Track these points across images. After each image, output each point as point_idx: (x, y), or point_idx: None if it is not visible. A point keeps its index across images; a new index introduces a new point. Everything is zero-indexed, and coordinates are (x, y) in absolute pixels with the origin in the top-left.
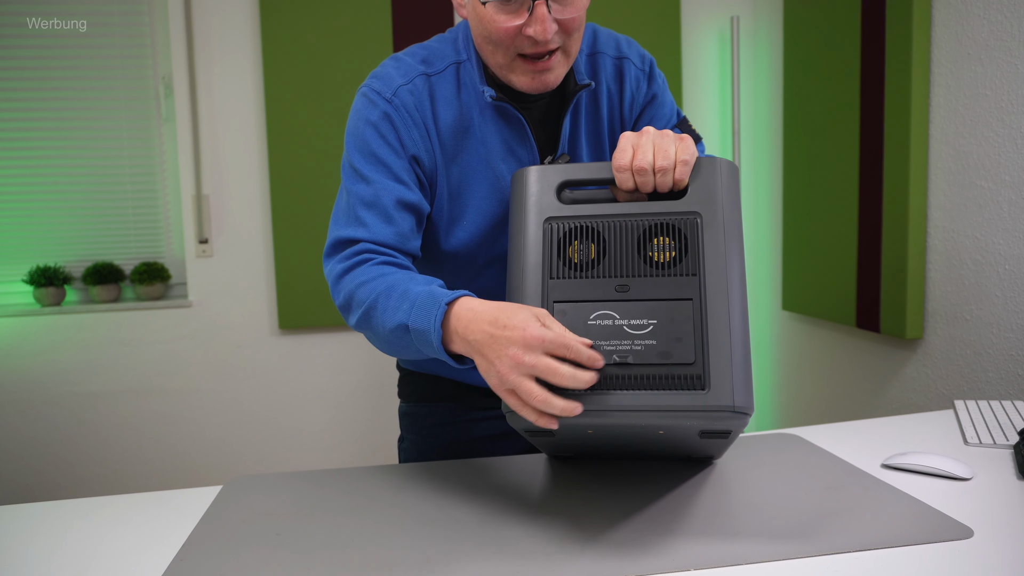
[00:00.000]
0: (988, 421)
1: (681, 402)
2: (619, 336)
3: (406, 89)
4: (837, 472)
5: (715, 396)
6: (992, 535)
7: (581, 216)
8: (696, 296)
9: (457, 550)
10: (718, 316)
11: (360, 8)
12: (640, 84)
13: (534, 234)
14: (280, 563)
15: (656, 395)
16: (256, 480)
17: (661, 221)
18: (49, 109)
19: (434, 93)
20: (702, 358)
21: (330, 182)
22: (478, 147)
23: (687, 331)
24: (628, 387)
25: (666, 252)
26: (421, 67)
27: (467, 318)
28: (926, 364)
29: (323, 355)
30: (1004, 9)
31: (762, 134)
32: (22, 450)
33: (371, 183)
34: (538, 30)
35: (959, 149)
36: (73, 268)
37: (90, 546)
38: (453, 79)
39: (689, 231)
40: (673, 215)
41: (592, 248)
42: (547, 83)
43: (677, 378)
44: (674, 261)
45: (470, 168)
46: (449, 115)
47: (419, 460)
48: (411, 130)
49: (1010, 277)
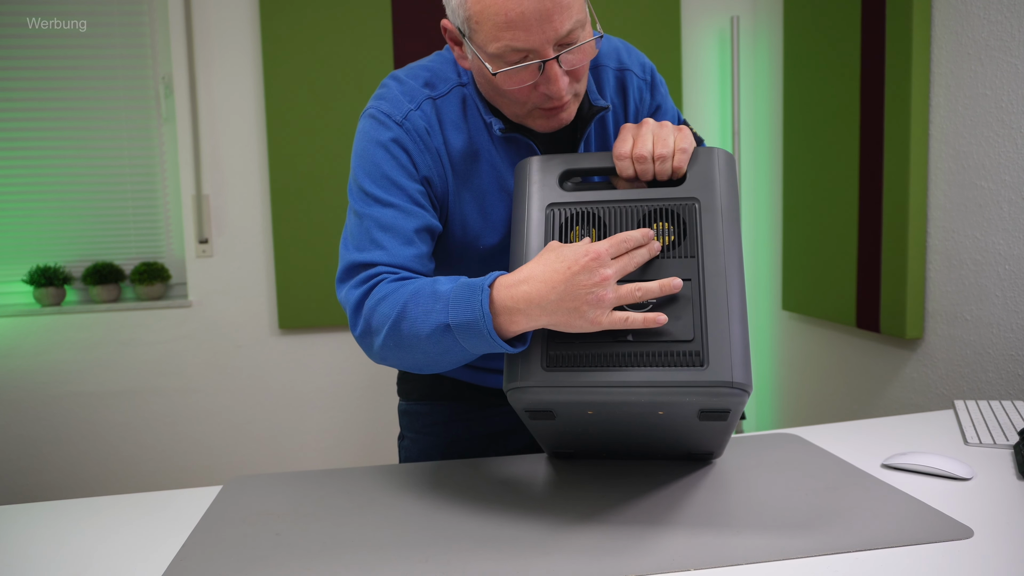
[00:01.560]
0: (988, 421)
1: (680, 378)
2: None
3: (417, 114)
4: (837, 472)
5: (714, 372)
6: (992, 535)
7: (582, 202)
8: (695, 276)
9: (457, 550)
10: (716, 296)
11: (360, 8)
12: (643, 95)
13: (536, 220)
14: (280, 563)
15: (656, 372)
16: (256, 480)
17: (660, 207)
18: (49, 109)
19: (442, 117)
20: (701, 336)
21: (330, 182)
22: (489, 171)
23: (686, 310)
24: (628, 364)
25: (665, 236)
26: (426, 91)
27: (522, 290)
28: (926, 364)
29: (323, 355)
30: (1004, 9)
31: (762, 134)
32: (22, 450)
33: (387, 206)
34: (553, 89)
35: (959, 149)
36: (73, 268)
37: (90, 546)
38: (458, 102)
39: (687, 216)
40: (672, 200)
41: (593, 233)
42: (563, 122)
43: (676, 355)
44: (673, 244)
45: (483, 191)
46: (459, 140)
47: (419, 458)
48: (424, 154)
49: (1010, 277)
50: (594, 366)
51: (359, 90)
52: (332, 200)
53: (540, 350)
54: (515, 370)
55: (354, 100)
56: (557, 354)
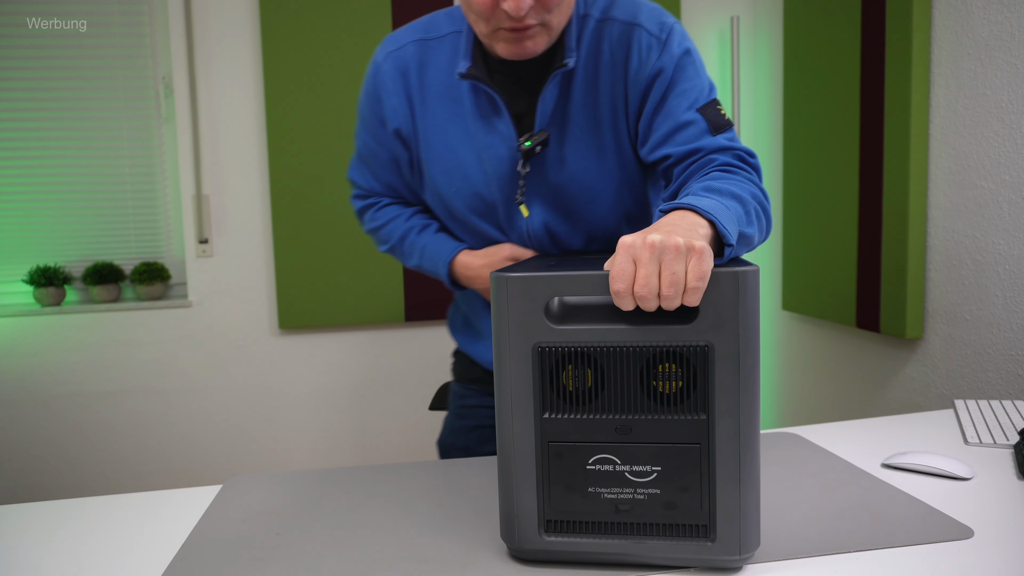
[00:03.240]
0: (988, 421)
1: (686, 554)
2: (621, 483)
3: (395, 55)
4: (837, 472)
5: (721, 548)
6: (992, 535)
7: (575, 343)
8: (704, 441)
9: (457, 550)
10: (728, 464)
11: (360, 8)
12: (651, 53)
13: (521, 364)
14: (279, 563)
15: (660, 544)
16: (255, 479)
17: (667, 350)
18: (49, 109)
19: (425, 58)
20: (709, 509)
21: (330, 182)
22: (464, 116)
23: (693, 480)
24: (630, 534)
25: (672, 381)
26: (419, 33)
27: (464, 274)
28: (926, 364)
29: (323, 355)
30: (1004, 9)
31: (762, 134)
32: (22, 450)
33: (360, 141)
34: (511, 6)
35: (959, 149)
36: (73, 268)
37: (89, 546)
38: (449, 47)
39: (699, 363)
40: (681, 346)
41: (589, 374)
42: (526, 50)
43: (682, 527)
44: (681, 394)
45: (452, 135)
46: (438, 81)
47: (448, 438)
48: (391, 97)
49: (1010, 277)
50: (595, 533)
51: (359, 90)
52: (332, 200)
53: (537, 509)
54: (512, 529)
55: (354, 100)
56: (555, 520)
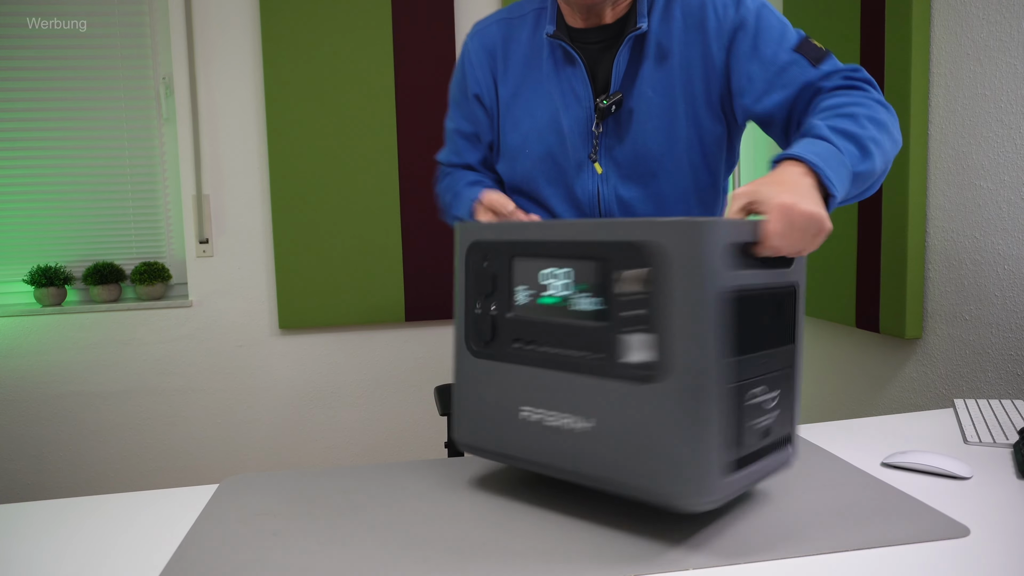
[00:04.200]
0: (988, 420)
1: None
2: (761, 413)
3: (480, 34)
4: (837, 471)
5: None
6: (991, 534)
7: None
8: (791, 365)
9: (457, 550)
10: (796, 386)
11: (360, 8)
12: (727, 11)
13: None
14: (278, 562)
15: (776, 458)
16: (253, 479)
17: (768, 291)
18: (49, 109)
19: (509, 35)
20: (792, 428)
21: (330, 182)
22: (542, 80)
23: (787, 395)
24: (770, 453)
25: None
26: (503, 14)
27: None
28: (926, 364)
29: (323, 355)
30: (1003, 9)
31: (762, 133)
32: (22, 450)
33: (449, 123)
34: None
35: (959, 149)
36: (74, 268)
37: (89, 545)
38: (532, 22)
39: (788, 302)
40: (779, 287)
41: None
42: (590, 9)
43: (779, 441)
44: (774, 328)
45: (531, 96)
46: (519, 52)
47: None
48: (475, 69)
49: (1009, 277)
50: (753, 462)
51: (359, 90)
52: (332, 200)
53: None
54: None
55: (354, 100)
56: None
